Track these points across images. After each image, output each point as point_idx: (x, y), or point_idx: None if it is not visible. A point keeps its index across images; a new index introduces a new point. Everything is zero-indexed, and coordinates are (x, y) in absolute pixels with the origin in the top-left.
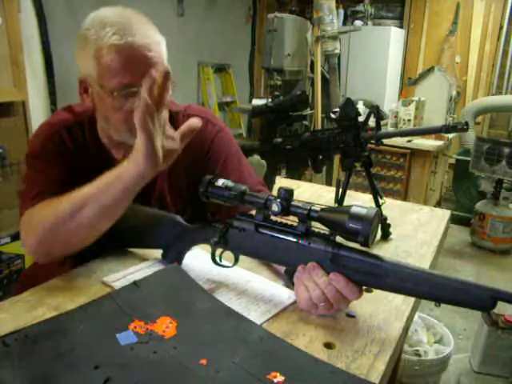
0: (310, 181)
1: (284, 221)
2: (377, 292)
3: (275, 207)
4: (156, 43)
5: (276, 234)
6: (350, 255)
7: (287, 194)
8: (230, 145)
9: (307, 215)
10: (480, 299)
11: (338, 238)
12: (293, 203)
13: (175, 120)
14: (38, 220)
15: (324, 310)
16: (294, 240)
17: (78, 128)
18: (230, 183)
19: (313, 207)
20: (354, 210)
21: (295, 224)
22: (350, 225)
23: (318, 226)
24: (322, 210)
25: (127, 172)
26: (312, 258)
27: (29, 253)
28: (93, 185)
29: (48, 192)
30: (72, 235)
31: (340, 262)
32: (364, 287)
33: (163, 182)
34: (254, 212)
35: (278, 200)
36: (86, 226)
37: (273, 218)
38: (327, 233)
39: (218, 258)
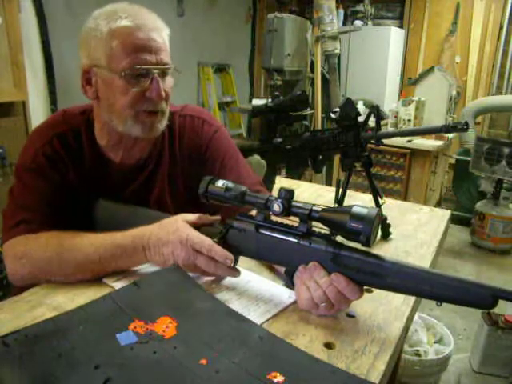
0: (310, 181)
1: (285, 221)
2: (377, 292)
3: (276, 207)
4: (162, 31)
5: (276, 235)
6: (351, 255)
7: (288, 195)
8: (227, 145)
9: (308, 215)
10: (481, 297)
11: (339, 238)
12: (294, 203)
13: (171, 120)
14: (33, 257)
15: (325, 310)
16: (295, 240)
17: (71, 133)
18: (230, 184)
19: (314, 207)
20: (355, 210)
21: (295, 224)
22: (352, 225)
23: (318, 226)
24: (323, 210)
25: (139, 259)
26: (313, 258)
27: (15, 282)
28: (98, 250)
29: (33, 220)
30: (64, 277)
31: (341, 261)
32: (364, 287)
33: (162, 184)
34: (253, 212)
35: (280, 200)
36: (81, 275)
37: (273, 218)
38: (328, 233)
39: None
